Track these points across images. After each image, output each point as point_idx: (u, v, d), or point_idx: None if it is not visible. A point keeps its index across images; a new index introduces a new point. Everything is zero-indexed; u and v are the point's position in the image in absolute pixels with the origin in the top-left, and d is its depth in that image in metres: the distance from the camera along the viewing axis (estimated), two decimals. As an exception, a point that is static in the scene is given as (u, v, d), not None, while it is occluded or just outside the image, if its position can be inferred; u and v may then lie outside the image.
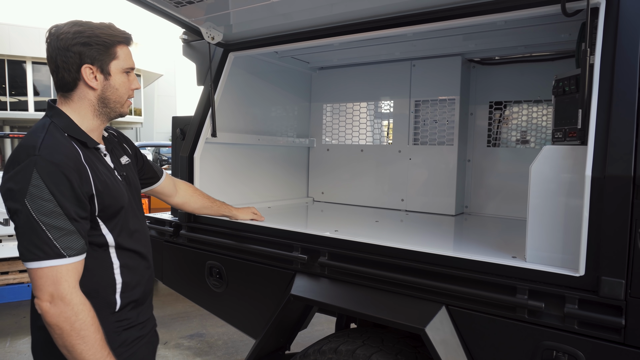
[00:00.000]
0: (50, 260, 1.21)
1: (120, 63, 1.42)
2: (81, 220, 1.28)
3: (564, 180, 1.46)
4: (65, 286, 1.22)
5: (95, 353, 1.24)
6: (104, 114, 1.44)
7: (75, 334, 1.22)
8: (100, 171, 1.38)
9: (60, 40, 1.33)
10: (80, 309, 1.23)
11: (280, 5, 2.00)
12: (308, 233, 1.95)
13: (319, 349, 1.86)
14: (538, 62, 2.59)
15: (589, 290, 1.32)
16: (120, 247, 1.44)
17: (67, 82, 1.37)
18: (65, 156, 1.27)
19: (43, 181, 1.21)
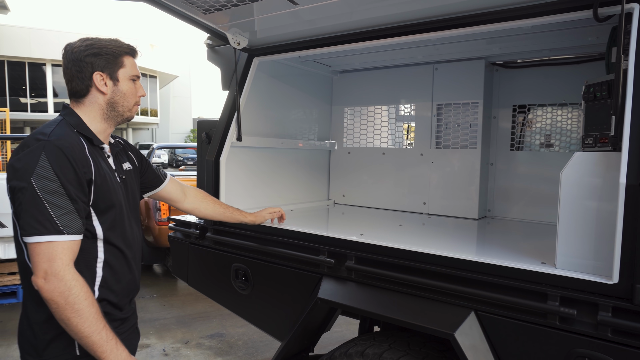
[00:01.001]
0: (49, 235, 1.29)
1: (127, 71, 1.57)
2: (81, 203, 1.38)
3: (595, 186, 1.45)
4: (59, 263, 1.30)
5: (90, 325, 1.32)
6: (111, 117, 1.58)
7: (69, 307, 1.30)
8: (102, 167, 1.50)
9: (74, 53, 1.51)
10: (73, 284, 1.31)
11: (305, 12, 2.03)
12: (334, 237, 1.97)
13: (346, 351, 1.88)
14: (563, 65, 2.57)
15: (623, 298, 1.32)
16: (107, 242, 1.51)
17: (80, 89, 1.53)
18: (71, 144, 1.40)
19: (49, 163, 1.32)
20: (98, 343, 1.33)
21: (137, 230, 1.68)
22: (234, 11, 2.12)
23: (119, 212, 1.55)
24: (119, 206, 1.54)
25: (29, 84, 25.05)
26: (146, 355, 3.90)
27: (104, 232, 1.49)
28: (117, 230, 1.54)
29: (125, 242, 1.57)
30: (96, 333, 1.33)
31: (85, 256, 1.45)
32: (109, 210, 1.50)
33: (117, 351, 1.37)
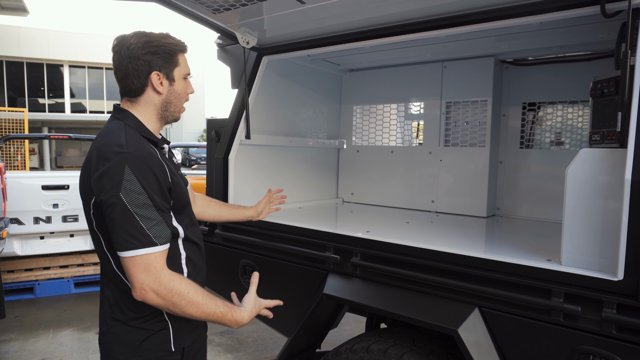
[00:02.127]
0: (145, 248, 1.31)
1: (182, 70, 1.53)
2: (166, 211, 1.40)
3: (601, 183, 1.44)
4: (154, 271, 1.32)
5: (204, 311, 1.37)
6: (164, 117, 1.55)
7: (179, 308, 1.34)
8: (171, 168, 1.49)
9: (131, 50, 1.43)
10: (173, 286, 1.33)
11: (314, 10, 2.05)
12: (340, 234, 1.98)
13: (351, 347, 1.89)
14: (573, 62, 2.55)
15: (627, 295, 1.31)
16: (186, 239, 1.54)
17: (135, 88, 1.47)
18: (148, 152, 1.38)
19: (135, 176, 1.31)
20: (217, 319, 1.41)
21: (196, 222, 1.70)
22: (243, 10, 2.15)
23: (190, 209, 1.58)
24: (188, 205, 1.57)
25: (47, 84, 25.54)
26: (158, 350, 3.96)
27: (184, 230, 1.52)
28: (192, 227, 1.58)
29: (197, 236, 1.61)
30: (211, 315, 1.39)
31: (171, 256, 1.45)
32: (184, 210, 1.53)
33: (232, 316, 1.45)
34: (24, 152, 11.99)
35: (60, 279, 5.40)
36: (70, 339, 4.17)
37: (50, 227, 5.17)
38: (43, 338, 4.19)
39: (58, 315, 4.74)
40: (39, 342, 4.11)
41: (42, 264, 5.36)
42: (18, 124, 11.54)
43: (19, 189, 4.97)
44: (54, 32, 24.90)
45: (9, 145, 11.65)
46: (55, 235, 5.31)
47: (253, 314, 1.56)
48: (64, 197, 5.19)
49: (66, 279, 5.42)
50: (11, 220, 4.87)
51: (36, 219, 5.08)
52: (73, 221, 5.26)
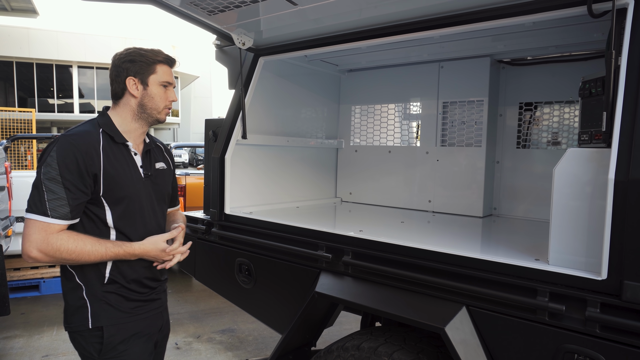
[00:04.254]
0: (39, 215, 1.49)
1: (158, 77, 1.70)
2: (75, 192, 1.52)
3: (587, 183, 1.45)
4: (43, 236, 1.49)
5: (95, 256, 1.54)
6: (142, 118, 1.72)
7: (71, 260, 1.52)
8: (117, 161, 1.63)
9: (116, 60, 1.71)
10: (60, 244, 1.49)
11: (309, 11, 2.06)
12: (332, 232, 2.00)
13: (342, 345, 1.91)
14: (570, 62, 2.54)
15: (611, 294, 1.31)
16: (118, 230, 1.65)
17: (117, 92, 1.71)
18: (82, 140, 1.56)
19: (56, 154, 1.51)
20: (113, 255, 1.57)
21: (158, 222, 1.78)
22: (238, 12, 2.18)
23: (133, 204, 1.66)
24: (133, 197, 1.66)
25: (56, 85, 25.82)
26: (159, 348, 4.01)
27: (114, 220, 1.63)
28: (128, 220, 1.66)
29: (137, 233, 1.67)
30: (104, 251, 1.55)
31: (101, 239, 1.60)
32: (122, 201, 1.63)
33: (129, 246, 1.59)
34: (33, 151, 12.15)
35: (63, 277, 5.46)
36: (73, 336, 4.23)
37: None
38: (47, 335, 4.25)
39: (61, 314, 4.80)
40: (43, 338, 4.17)
41: (48, 262, 5.43)
42: (26, 124, 11.69)
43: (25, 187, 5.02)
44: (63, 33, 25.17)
45: (19, 145, 11.81)
46: (61, 233, 5.37)
47: (145, 248, 1.63)
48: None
49: (71, 277, 5.48)
50: (17, 218, 4.94)
51: (41, 217, 5.14)
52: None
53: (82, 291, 1.61)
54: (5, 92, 24.23)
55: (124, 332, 1.64)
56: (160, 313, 1.82)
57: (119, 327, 1.63)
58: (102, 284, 1.62)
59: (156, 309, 1.79)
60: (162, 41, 28.20)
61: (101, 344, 1.60)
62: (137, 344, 1.68)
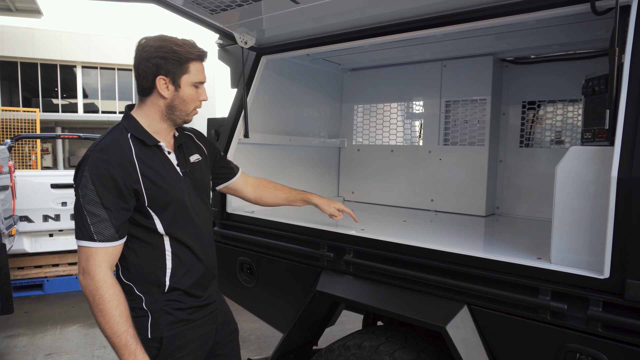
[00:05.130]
0: (85, 241, 1.42)
1: (191, 77, 1.56)
2: (117, 210, 1.43)
3: (590, 181, 1.44)
4: (92, 263, 1.41)
5: (111, 327, 1.40)
6: (170, 119, 1.60)
7: (95, 306, 1.41)
8: (154, 165, 1.54)
9: (144, 52, 1.52)
10: (101, 286, 1.40)
11: (311, 10, 2.06)
12: (334, 231, 2.00)
13: (344, 344, 1.91)
14: (573, 60, 2.53)
15: (613, 293, 1.30)
16: (172, 237, 1.58)
17: (144, 89, 1.56)
18: (113, 153, 1.45)
19: (89, 173, 1.41)
20: (117, 345, 1.41)
21: (205, 219, 1.71)
22: (240, 11, 2.18)
23: (180, 206, 1.58)
24: (179, 201, 1.58)
25: (61, 85, 25.93)
26: (162, 346, 4.02)
27: (165, 228, 1.55)
28: (179, 225, 1.58)
29: (189, 235, 1.61)
30: (116, 336, 1.40)
31: (156, 250, 1.55)
32: (168, 207, 1.55)
33: (135, 356, 1.42)
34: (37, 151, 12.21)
35: (68, 275, 5.50)
36: (76, 335, 4.25)
37: (59, 225, 5.27)
38: (50, 333, 4.27)
39: (66, 312, 4.83)
40: (46, 337, 4.19)
41: (51, 261, 5.46)
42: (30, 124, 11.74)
43: (29, 187, 5.07)
44: (67, 33, 25.27)
45: (24, 144, 11.86)
46: (64, 232, 5.40)
47: None
48: (73, 195, 5.27)
49: (74, 276, 5.51)
50: (21, 218, 4.97)
51: (45, 216, 5.17)
52: (81, 219, 5.35)
53: (142, 302, 1.54)
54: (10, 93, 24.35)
55: (181, 339, 1.60)
56: (214, 316, 1.74)
57: (177, 334, 1.58)
58: (163, 293, 1.56)
59: (211, 312, 1.73)
60: (165, 41, 28.21)
61: (159, 349, 1.55)
62: (193, 350, 1.64)
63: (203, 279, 1.67)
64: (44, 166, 21.43)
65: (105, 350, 3.94)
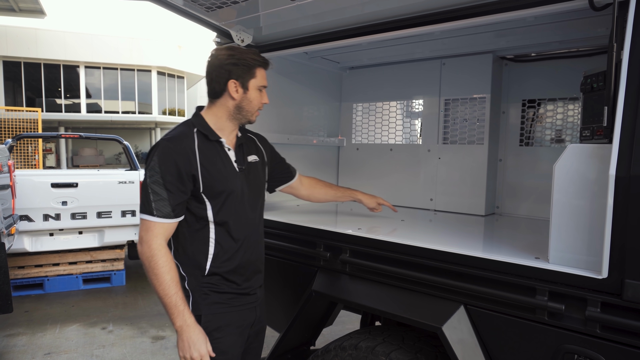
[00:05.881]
0: (147, 215, 1.63)
1: (257, 81, 1.79)
2: (176, 192, 1.64)
3: (588, 179, 1.41)
4: (150, 235, 1.62)
5: (164, 289, 1.60)
6: (236, 119, 1.81)
7: (150, 270, 1.61)
8: (213, 158, 1.72)
9: (217, 60, 1.76)
10: (156, 253, 1.60)
11: (309, 6, 2.04)
12: (330, 230, 1.98)
13: (340, 344, 1.89)
14: (574, 57, 2.50)
15: (612, 294, 1.28)
16: (217, 224, 1.73)
17: (216, 92, 1.77)
18: (179, 143, 1.67)
19: (157, 158, 1.64)
20: (168, 305, 1.61)
21: (254, 215, 1.84)
22: (236, 8, 2.16)
23: (231, 197, 1.74)
24: (231, 192, 1.74)
25: (64, 85, 26.00)
26: (160, 346, 4.01)
27: (214, 214, 1.72)
28: (227, 215, 1.74)
29: (235, 226, 1.75)
30: (167, 297, 1.60)
31: (202, 236, 1.73)
32: (219, 195, 1.71)
33: (183, 316, 1.61)
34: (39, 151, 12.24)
35: (69, 275, 5.50)
36: (76, 334, 4.25)
37: (59, 224, 5.27)
38: (50, 333, 4.27)
39: (66, 311, 4.83)
40: (46, 336, 4.19)
41: (52, 260, 5.47)
42: (32, 123, 11.78)
43: (29, 186, 5.08)
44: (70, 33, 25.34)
45: (27, 144, 11.91)
46: (65, 232, 5.40)
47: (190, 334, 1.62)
48: (73, 195, 5.28)
49: (75, 275, 5.52)
50: (21, 217, 4.98)
51: (46, 216, 5.17)
52: (82, 218, 5.35)
53: (185, 281, 1.71)
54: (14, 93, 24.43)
55: (220, 320, 1.72)
56: (254, 308, 1.86)
57: (215, 315, 1.72)
58: (203, 276, 1.72)
59: (251, 302, 1.84)
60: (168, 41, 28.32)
61: None
62: (231, 333, 1.75)
63: (243, 269, 1.79)
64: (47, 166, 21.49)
65: (104, 349, 3.94)
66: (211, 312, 1.71)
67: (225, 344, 1.73)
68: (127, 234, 5.68)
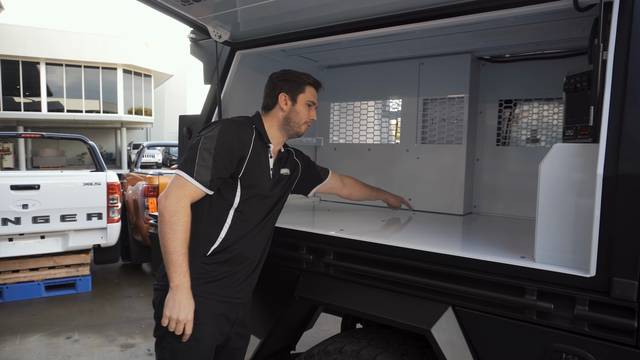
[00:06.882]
0: (186, 174, 1.68)
1: (305, 96, 1.97)
2: (220, 166, 1.71)
3: (574, 179, 1.42)
4: (181, 192, 1.67)
5: (175, 245, 1.63)
6: (285, 130, 1.95)
7: (169, 225, 1.63)
8: (259, 156, 1.84)
9: (273, 78, 2.00)
10: (180, 211, 1.65)
11: (287, 2, 1.99)
12: (313, 232, 1.93)
13: (324, 349, 1.84)
14: (549, 59, 2.55)
15: (600, 292, 1.29)
16: (238, 211, 1.80)
17: (269, 104, 1.97)
18: (242, 127, 1.81)
19: (218, 131, 1.74)
20: (173, 262, 1.63)
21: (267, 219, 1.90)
22: (213, 2, 2.08)
23: (259, 196, 1.84)
24: (260, 190, 1.84)
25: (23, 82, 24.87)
26: (130, 355, 3.85)
27: (240, 203, 1.80)
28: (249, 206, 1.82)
29: (253, 218, 1.84)
30: (176, 254, 1.63)
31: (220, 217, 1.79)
32: (252, 188, 1.81)
33: (183, 277, 1.65)
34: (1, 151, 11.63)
35: (30, 282, 5.22)
36: (38, 345, 4.02)
37: (19, 229, 4.99)
38: (9, 344, 4.02)
39: (27, 320, 4.57)
40: (5, 348, 3.94)
41: (11, 267, 5.17)
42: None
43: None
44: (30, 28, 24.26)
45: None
46: (25, 237, 5.12)
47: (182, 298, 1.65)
48: (35, 198, 5.01)
49: (36, 282, 5.24)
50: (-23, 221, 4.68)
51: (4, 220, 4.88)
52: (44, 222, 5.09)
53: None
54: (-32, 90, 23.21)
55: (201, 306, 1.72)
56: (237, 305, 1.85)
57: (198, 299, 1.71)
58: (203, 255, 1.76)
59: (235, 298, 1.84)
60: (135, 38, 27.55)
61: None
62: (208, 323, 1.76)
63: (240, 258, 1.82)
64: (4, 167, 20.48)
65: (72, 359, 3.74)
66: (195, 292, 1.71)
67: (201, 332, 1.74)
68: (93, 238, 5.44)
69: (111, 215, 5.44)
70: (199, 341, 1.73)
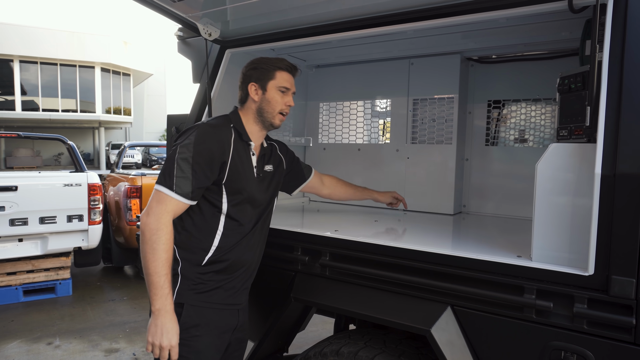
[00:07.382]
0: (165, 188, 1.60)
1: (276, 82, 1.84)
2: (200, 175, 1.63)
3: (571, 178, 1.44)
4: (162, 208, 1.59)
5: (157, 266, 1.56)
6: (260, 122, 1.85)
7: (150, 244, 1.56)
8: (241, 157, 1.76)
9: (243, 69, 1.89)
10: (161, 229, 1.57)
11: (277, 1, 1.97)
12: (308, 233, 1.91)
13: (320, 351, 1.82)
14: (537, 60, 2.58)
15: (598, 290, 1.30)
16: (229, 217, 1.74)
17: (242, 97, 1.89)
18: (219, 131, 1.72)
19: (194, 138, 1.65)
20: (154, 284, 1.56)
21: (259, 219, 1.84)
22: (204, 0, 2.04)
23: (246, 199, 1.77)
24: (247, 194, 1.76)
25: (-5, 81, 24.13)
26: (115, 359, 3.76)
27: (228, 209, 1.73)
28: (239, 211, 1.76)
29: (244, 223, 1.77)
30: (157, 275, 1.56)
31: (212, 225, 1.72)
32: (238, 193, 1.74)
33: (165, 300, 1.57)
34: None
35: (7, 286, 5.05)
36: (17, 351, 3.89)
37: (-10, 232, 4.81)
38: (-13, 351, 3.88)
39: (4, 326, 4.42)
40: (-18, 355, 3.80)
41: (-13, 271, 4.99)
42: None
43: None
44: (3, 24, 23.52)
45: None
46: (2, 240, 4.95)
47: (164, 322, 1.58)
48: (12, 199, 4.85)
49: (14, 287, 5.07)
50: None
51: (-20, 223, 4.72)
52: (22, 225, 4.93)
53: (179, 266, 1.69)
54: (-64, 88, 22.38)
55: (200, 317, 1.69)
56: (237, 311, 1.82)
57: (197, 309, 1.68)
58: (199, 265, 1.70)
59: (234, 305, 1.80)
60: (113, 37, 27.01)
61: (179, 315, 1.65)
62: (209, 333, 1.71)
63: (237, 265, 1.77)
64: (-24, 168, 19.80)
65: (51, 366, 3.63)
66: (194, 303, 1.68)
67: (202, 344, 1.69)
68: (73, 240, 5.29)
69: (92, 217, 5.31)
70: (200, 353, 1.69)
